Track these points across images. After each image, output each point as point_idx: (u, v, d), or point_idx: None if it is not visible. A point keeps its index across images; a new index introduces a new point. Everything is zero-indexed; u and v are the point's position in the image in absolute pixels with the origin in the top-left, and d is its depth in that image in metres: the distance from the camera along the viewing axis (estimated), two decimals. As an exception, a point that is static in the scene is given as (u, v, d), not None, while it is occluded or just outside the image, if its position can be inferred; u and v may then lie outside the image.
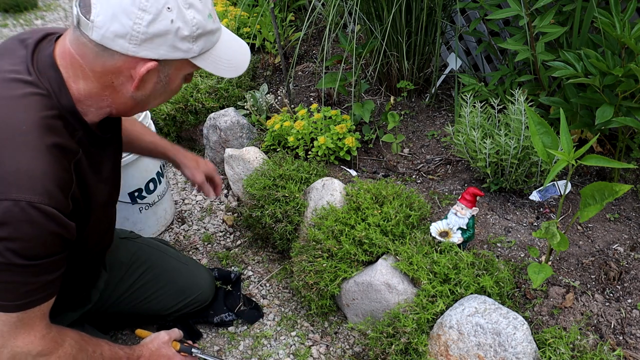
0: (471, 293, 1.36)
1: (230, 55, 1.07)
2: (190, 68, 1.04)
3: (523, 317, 1.27)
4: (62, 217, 0.94)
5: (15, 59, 1.00)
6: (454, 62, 2.20)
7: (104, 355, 1.16)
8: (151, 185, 1.89)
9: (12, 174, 0.89)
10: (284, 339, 1.65)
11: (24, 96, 0.95)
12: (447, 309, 1.35)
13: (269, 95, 2.37)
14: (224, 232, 2.06)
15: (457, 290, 1.37)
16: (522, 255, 1.53)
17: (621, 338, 1.29)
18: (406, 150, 2.08)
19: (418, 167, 1.98)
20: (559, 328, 1.29)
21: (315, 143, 1.94)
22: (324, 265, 1.57)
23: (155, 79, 1.01)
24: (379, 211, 1.59)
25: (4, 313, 0.96)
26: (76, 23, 0.95)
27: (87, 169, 1.05)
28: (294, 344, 1.62)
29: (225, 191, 2.25)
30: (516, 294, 1.41)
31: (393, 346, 1.36)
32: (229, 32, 1.10)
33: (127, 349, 1.25)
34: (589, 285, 1.42)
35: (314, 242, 1.62)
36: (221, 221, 2.11)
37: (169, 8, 0.93)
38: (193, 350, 1.41)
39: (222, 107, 2.39)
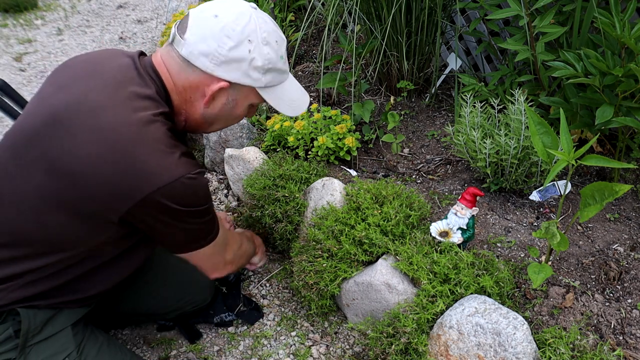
0: (471, 293, 1.36)
1: (293, 97, 1.27)
2: (256, 98, 1.22)
3: (523, 317, 1.27)
4: (203, 171, 1.18)
5: (124, 65, 1.17)
6: (454, 62, 2.21)
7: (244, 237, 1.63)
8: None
9: (162, 162, 1.07)
10: (284, 339, 1.65)
11: (156, 122, 1.11)
12: (447, 309, 1.35)
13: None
14: (224, 232, 2.06)
15: (457, 290, 1.37)
16: (522, 255, 1.52)
17: (621, 338, 1.29)
18: (406, 150, 2.08)
19: (418, 167, 1.98)
20: (559, 328, 1.29)
21: (315, 143, 1.94)
22: (324, 265, 1.57)
23: (224, 100, 1.19)
24: (379, 211, 1.59)
25: (212, 243, 1.30)
26: (171, 41, 1.15)
27: None
28: (294, 344, 1.62)
29: (226, 191, 2.25)
30: (516, 294, 1.41)
31: (393, 346, 1.36)
32: (296, 81, 1.31)
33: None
34: (589, 285, 1.42)
35: (314, 242, 1.62)
36: (221, 221, 2.11)
37: (249, 40, 1.12)
38: None
39: (222, 107, 2.39)
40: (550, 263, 1.47)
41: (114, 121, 1.06)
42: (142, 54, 1.22)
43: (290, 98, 1.26)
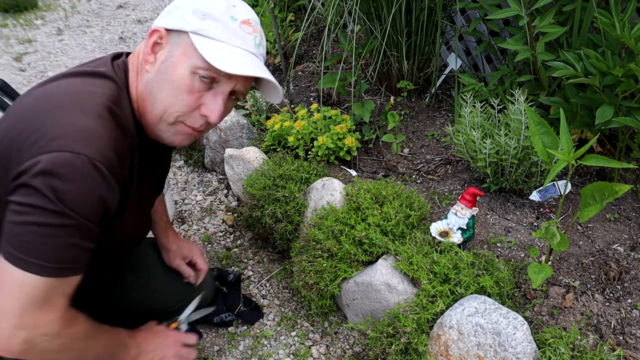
0: (471, 293, 1.36)
1: (233, 59, 1.02)
2: (195, 58, 1.00)
3: (523, 317, 1.27)
4: (114, 184, 0.97)
5: (98, 62, 1.10)
6: (454, 62, 2.21)
7: (107, 330, 1.16)
8: (151, 185, 1.89)
9: (78, 131, 0.93)
10: (284, 339, 1.65)
11: (105, 82, 1.03)
12: (447, 309, 1.35)
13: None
14: (224, 232, 2.06)
15: (457, 290, 1.37)
16: (522, 255, 1.53)
17: (621, 338, 1.29)
18: (406, 150, 2.08)
19: (418, 167, 1.98)
20: (559, 328, 1.29)
21: (315, 143, 1.94)
22: (324, 265, 1.57)
23: (162, 58, 1.03)
24: (379, 211, 1.59)
25: (33, 276, 0.90)
26: None
27: (138, 161, 1.11)
28: (294, 344, 1.62)
29: (225, 191, 2.25)
30: (516, 294, 1.41)
31: (393, 346, 1.36)
32: (254, 57, 1.06)
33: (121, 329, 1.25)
34: (589, 285, 1.42)
35: (314, 242, 1.62)
36: (221, 221, 2.11)
37: None
38: (179, 318, 1.45)
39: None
40: (550, 263, 1.47)
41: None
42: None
43: (229, 58, 1.01)
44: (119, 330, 1.22)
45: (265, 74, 1.04)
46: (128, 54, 1.14)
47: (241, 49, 1.03)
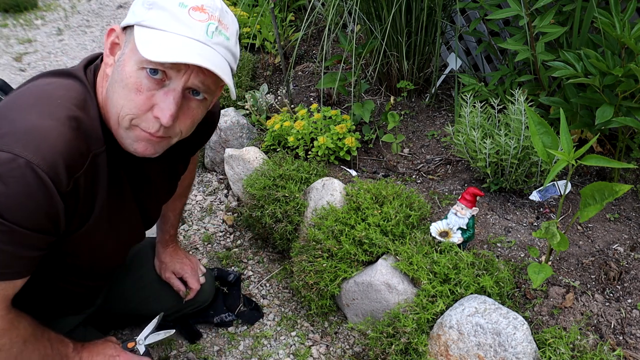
0: (471, 293, 1.36)
1: (167, 47, 0.91)
2: (139, 53, 0.91)
3: (523, 317, 1.27)
4: (54, 192, 0.90)
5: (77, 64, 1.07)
6: (454, 62, 2.21)
7: (51, 339, 1.12)
8: (151, 185, 1.89)
9: (25, 132, 0.88)
10: (284, 339, 1.65)
11: (72, 82, 0.99)
12: (447, 309, 1.35)
13: (269, 95, 2.37)
14: (224, 232, 2.06)
15: (457, 290, 1.37)
16: (522, 255, 1.52)
17: (621, 338, 1.29)
18: (406, 150, 2.08)
19: (418, 167, 1.98)
20: (559, 328, 1.29)
21: (315, 143, 1.94)
22: (324, 265, 1.57)
23: (117, 56, 0.98)
24: (379, 211, 1.59)
25: None
26: None
27: (107, 170, 1.03)
28: (294, 344, 1.62)
29: (225, 191, 2.25)
30: (516, 294, 1.41)
31: (393, 346, 1.36)
32: (203, 45, 0.94)
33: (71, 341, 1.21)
34: (589, 285, 1.42)
35: (314, 242, 1.62)
36: (221, 221, 2.11)
37: None
38: (136, 339, 1.38)
39: (222, 107, 2.39)
40: (550, 263, 1.47)
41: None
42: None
43: (162, 47, 0.91)
44: (67, 342, 1.17)
45: (204, 62, 0.91)
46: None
47: (184, 37, 0.92)
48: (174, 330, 1.46)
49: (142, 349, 1.37)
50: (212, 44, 0.95)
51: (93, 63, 1.08)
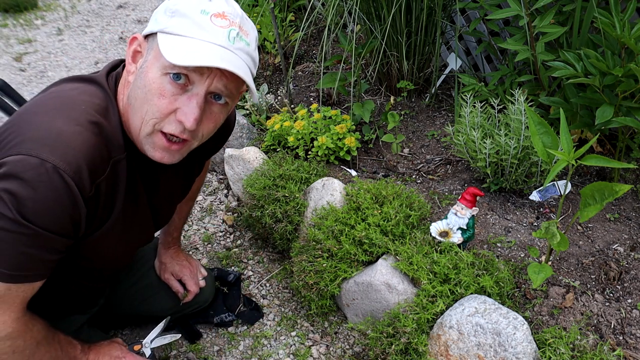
0: (471, 293, 1.36)
1: (190, 51, 0.93)
2: (164, 59, 0.93)
3: (523, 317, 1.27)
4: (79, 196, 0.92)
5: (101, 70, 1.08)
6: (454, 62, 2.21)
7: (60, 341, 1.13)
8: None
9: (51, 138, 0.90)
10: (284, 339, 1.65)
11: (95, 88, 1.02)
12: (447, 309, 1.35)
13: (269, 95, 2.38)
14: (224, 232, 2.06)
15: (457, 290, 1.37)
16: (522, 255, 1.52)
17: (621, 338, 1.29)
18: (406, 150, 2.08)
19: (418, 167, 1.98)
20: (559, 328, 1.29)
21: (315, 143, 1.94)
22: (324, 265, 1.57)
23: (140, 64, 1.00)
24: (379, 211, 1.59)
25: None
26: None
27: (126, 176, 1.05)
28: (294, 344, 1.62)
29: (226, 191, 2.25)
30: (516, 294, 1.41)
31: (393, 346, 1.36)
32: (225, 50, 0.96)
33: (78, 342, 1.22)
34: (589, 285, 1.42)
35: (314, 242, 1.62)
36: (221, 221, 2.11)
37: None
38: (143, 342, 1.38)
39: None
40: (550, 263, 1.47)
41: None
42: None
43: (186, 51, 0.94)
44: (75, 343, 1.18)
45: (228, 65, 0.94)
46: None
47: (207, 42, 0.95)
48: (180, 335, 1.47)
49: (147, 352, 1.38)
50: (234, 49, 0.97)
51: (115, 70, 1.09)
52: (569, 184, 1.32)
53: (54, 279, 1.06)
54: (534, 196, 1.61)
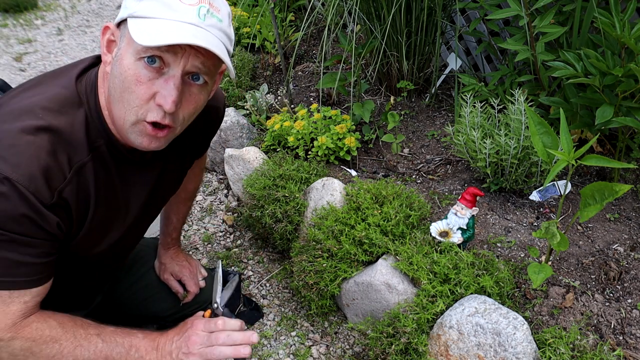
0: (471, 293, 1.36)
1: (159, 31, 0.91)
2: (137, 44, 0.91)
3: (523, 317, 1.27)
4: (36, 204, 0.91)
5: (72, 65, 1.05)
6: (454, 62, 2.21)
7: (114, 332, 1.11)
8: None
9: (5, 148, 0.90)
10: (284, 339, 1.65)
11: (57, 90, 0.99)
12: (447, 309, 1.35)
13: (269, 95, 2.38)
14: (224, 232, 2.06)
15: (457, 290, 1.37)
16: (522, 255, 1.53)
17: (621, 338, 1.29)
18: (406, 150, 2.08)
19: (418, 167, 1.98)
20: (559, 328, 1.29)
21: (315, 143, 1.94)
22: (324, 265, 1.57)
23: (114, 52, 0.98)
24: (379, 211, 1.59)
25: None
26: None
27: (94, 178, 1.03)
28: (294, 344, 1.62)
29: (225, 191, 2.25)
30: (516, 294, 1.41)
31: (393, 346, 1.36)
32: (195, 27, 0.94)
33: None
34: (589, 285, 1.42)
35: (314, 242, 1.62)
36: (221, 221, 2.11)
37: None
38: (213, 306, 1.33)
39: (222, 107, 2.39)
40: (550, 263, 1.47)
41: None
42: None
43: (155, 31, 0.92)
44: (134, 334, 1.13)
45: (200, 41, 0.91)
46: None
47: (176, 21, 0.92)
48: (238, 274, 1.44)
49: (219, 312, 1.33)
50: (205, 25, 0.94)
51: (88, 71, 1.06)
52: (569, 184, 1.32)
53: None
54: (534, 196, 1.61)
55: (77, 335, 1.05)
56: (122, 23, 0.98)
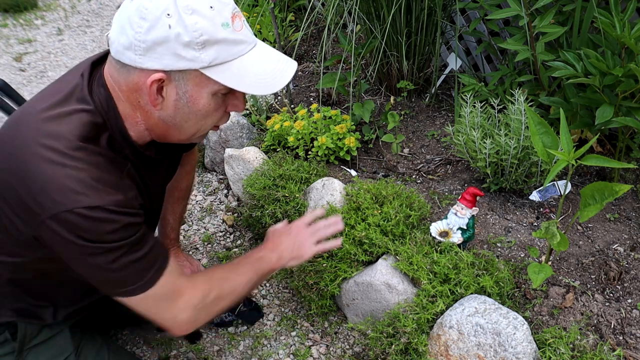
0: (471, 293, 1.36)
1: (262, 70, 0.99)
2: (213, 84, 0.97)
3: (523, 317, 1.27)
4: (129, 211, 0.98)
5: (76, 78, 1.03)
6: (454, 62, 2.21)
7: (239, 262, 1.25)
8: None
9: (76, 186, 0.92)
10: (284, 339, 1.65)
11: (72, 112, 0.98)
12: (447, 309, 1.35)
13: (269, 95, 2.37)
14: (224, 232, 2.06)
15: (457, 290, 1.37)
16: (522, 255, 1.52)
17: (621, 338, 1.29)
18: (406, 150, 2.08)
19: (418, 167, 1.98)
20: (559, 328, 1.29)
21: (315, 143, 1.94)
22: (324, 265, 1.57)
23: (174, 95, 0.98)
24: (379, 211, 1.59)
25: (144, 293, 1.05)
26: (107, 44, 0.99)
27: (137, 179, 1.10)
28: (294, 344, 1.62)
29: (225, 191, 2.25)
30: (516, 294, 1.41)
31: (393, 346, 1.36)
32: (268, 47, 1.03)
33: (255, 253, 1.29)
34: (589, 285, 1.42)
35: (314, 242, 1.62)
36: (221, 221, 2.11)
37: (168, 14, 0.91)
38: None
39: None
40: (550, 263, 1.47)
41: (22, 137, 0.96)
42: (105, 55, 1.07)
43: (257, 73, 0.99)
44: (247, 255, 1.28)
45: (289, 68, 1.04)
46: (105, 57, 1.05)
47: (255, 55, 1.00)
48: None
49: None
50: (259, 42, 1.03)
51: (96, 79, 1.05)
52: (569, 184, 1.32)
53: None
54: (534, 196, 1.61)
55: (226, 271, 1.23)
56: (175, 71, 0.97)
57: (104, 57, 1.06)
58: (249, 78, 0.98)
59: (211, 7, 0.93)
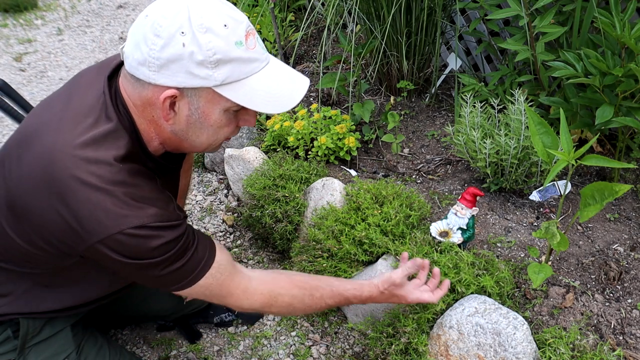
0: (471, 293, 1.36)
1: (274, 89, 1.00)
2: (225, 101, 0.98)
3: (523, 317, 1.27)
4: (174, 223, 1.01)
5: (94, 91, 1.03)
6: (454, 62, 2.21)
7: (322, 291, 1.24)
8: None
9: (119, 208, 0.95)
10: (284, 339, 1.65)
11: (106, 135, 0.99)
12: (447, 308, 1.35)
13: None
14: (224, 232, 2.06)
15: (457, 290, 1.37)
16: (522, 255, 1.53)
17: (621, 338, 1.29)
18: (406, 150, 2.08)
19: (418, 167, 1.98)
20: (559, 328, 1.29)
21: (315, 143, 1.94)
22: (324, 265, 1.57)
23: (186, 111, 0.99)
24: (379, 211, 1.59)
25: (200, 281, 1.08)
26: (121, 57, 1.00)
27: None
28: (294, 344, 1.62)
29: (225, 191, 2.25)
30: (516, 294, 1.42)
31: (393, 346, 1.36)
32: (281, 64, 1.05)
33: (354, 285, 1.29)
34: (589, 285, 1.42)
35: (314, 242, 1.62)
36: (221, 221, 2.11)
37: (182, 32, 0.91)
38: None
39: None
40: (550, 263, 1.47)
41: (61, 166, 0.96)
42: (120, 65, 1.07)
43: (268, 91, 1.00)
44: (360, 288, 1.29)
45: (300, 92, 1.04)
46: (116, 70, 1.06)
47: (276, 69, 1.03)
48: None
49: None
50: (272, 58, 1.05)
51: (112, 92, 1.05)
52: (569, 184, 1.32)
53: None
54: (534, 196, 1.61)
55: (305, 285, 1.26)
56: (187, 88, 0.97)
57: (115, 69, 1.06)
58: (261, 96, 0.99)
59: (225, 26, 0.93)
